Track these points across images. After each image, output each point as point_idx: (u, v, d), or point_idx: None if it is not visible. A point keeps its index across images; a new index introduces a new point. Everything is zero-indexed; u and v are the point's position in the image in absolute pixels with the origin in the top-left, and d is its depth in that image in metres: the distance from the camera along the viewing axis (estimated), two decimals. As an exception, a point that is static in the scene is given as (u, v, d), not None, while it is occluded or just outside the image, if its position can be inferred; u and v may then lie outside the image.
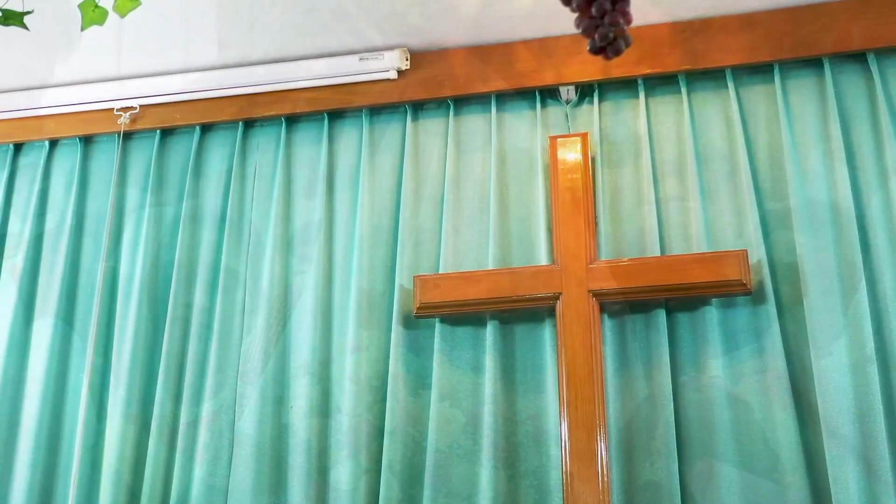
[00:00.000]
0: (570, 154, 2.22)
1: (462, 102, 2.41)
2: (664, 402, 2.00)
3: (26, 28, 1.31)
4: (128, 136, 2.60)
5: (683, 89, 2.27)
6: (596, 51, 0.89)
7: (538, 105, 2.35)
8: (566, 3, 0.91)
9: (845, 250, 2.03)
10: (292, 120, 2.51)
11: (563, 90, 2.35)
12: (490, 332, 2.14)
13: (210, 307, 2.36)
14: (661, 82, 2.31)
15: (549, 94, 2.37)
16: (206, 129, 2.56)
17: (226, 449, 2.21)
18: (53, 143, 2.66)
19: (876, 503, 1.85)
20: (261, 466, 2.16)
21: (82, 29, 1.27)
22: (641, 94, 2.29)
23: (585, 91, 2.35)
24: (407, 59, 2.41)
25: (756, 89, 2.25)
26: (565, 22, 2.28)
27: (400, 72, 2.41)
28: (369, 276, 2.28)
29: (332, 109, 2.45)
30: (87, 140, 2.63)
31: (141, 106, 2.56)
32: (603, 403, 1.99)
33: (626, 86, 2.32)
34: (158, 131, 2.57)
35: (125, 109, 2.56)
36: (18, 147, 2.68)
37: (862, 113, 2.16)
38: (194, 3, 2.22)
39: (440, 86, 2.39)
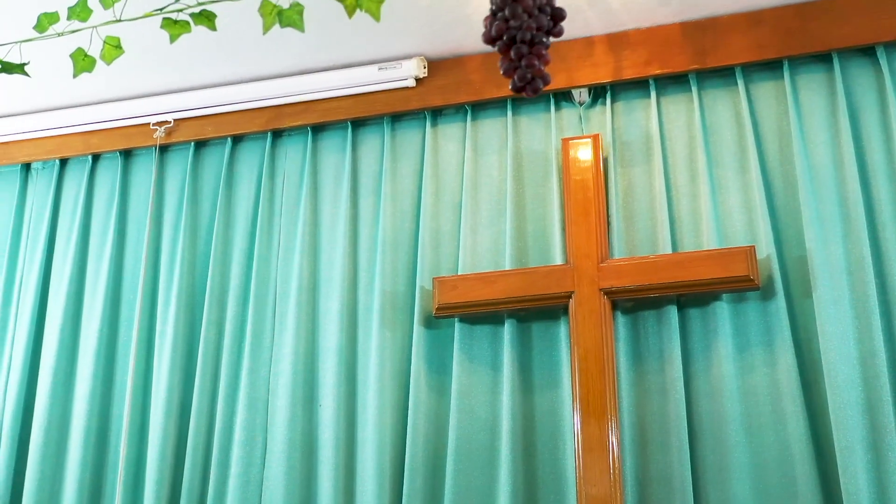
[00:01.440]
0: (582, 155, 2.27)
1: (478, 107, 2.48)
2: (676, 396, 2.05)
3: (28, 76, 1.43)
4: (164, 149, 2.73)
5: (694, 88, 2.30)
6: (517, 90, 0.96)
7: (552, 108, 2.40)
8: (491, 45, 0.98)
9: (854, 244, 2.05)
10: (317, 129, 2.60)
11: (575, 93, 2.40)
12: (507, 330, 2.21)
13: (243, 311, 2.47)
14: (671, 82, 2.35)
15: (562, 96, 2.42)
16: (236, 140, 2.67)
17: (259, 446, 2.32)
18: (96, 158, 2.79)
19: (885, 493, 1.87)
20: (292, 462, 2.26)
21: (74, 76, 1.38)
22: (653, 95, 2.33)
23: (598, 93, 2.40)
24: (424, 67, 2.48)
25: (766, 86, 2.27)
26: (576, 27, 2.33)
27: (418, 80, 2.48)
28: (392, 279, 2.37)
29: (354, 118, 2.53)
30: (126, 154, 2.77)
31: (175, 120, 2.68)
32: (615, 397, 2.04)
33: (638, 86, 2.36)
34: (192, 144, 2.69)
35: (160, 124, 2.68)
36: (64, 162, 2.83)
37: (871, 107, 2.16)
38: (221, 21, 2.32)
39: (457, 92, 2.45)
